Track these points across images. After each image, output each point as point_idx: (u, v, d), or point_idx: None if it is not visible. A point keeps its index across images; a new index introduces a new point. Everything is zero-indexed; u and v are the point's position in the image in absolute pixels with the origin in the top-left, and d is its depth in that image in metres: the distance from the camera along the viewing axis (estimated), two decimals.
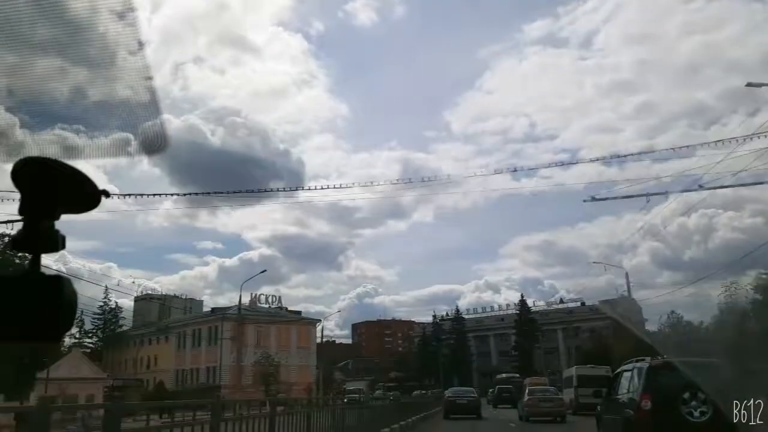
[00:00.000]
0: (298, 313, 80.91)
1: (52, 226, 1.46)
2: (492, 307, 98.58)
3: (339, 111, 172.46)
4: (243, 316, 63.47)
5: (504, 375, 58.12)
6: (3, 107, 1.55)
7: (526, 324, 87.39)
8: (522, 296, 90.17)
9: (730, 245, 75.74)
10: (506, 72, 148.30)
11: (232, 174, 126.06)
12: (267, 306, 70.39)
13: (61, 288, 1.44)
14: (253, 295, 68.75)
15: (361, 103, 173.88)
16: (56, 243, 1.47)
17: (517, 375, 55.81)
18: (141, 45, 1.52)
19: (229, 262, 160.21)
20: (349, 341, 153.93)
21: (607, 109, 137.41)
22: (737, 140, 21.51)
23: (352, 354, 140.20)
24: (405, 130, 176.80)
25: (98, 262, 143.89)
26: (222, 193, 30.43)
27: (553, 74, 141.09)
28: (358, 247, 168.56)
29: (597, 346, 54.17)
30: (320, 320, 73.91)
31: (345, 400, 20.18)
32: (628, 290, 44.33)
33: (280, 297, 70.94)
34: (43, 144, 1.54)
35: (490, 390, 46.94)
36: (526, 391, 27.19)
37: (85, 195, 1.50)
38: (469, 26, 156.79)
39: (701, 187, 24.56)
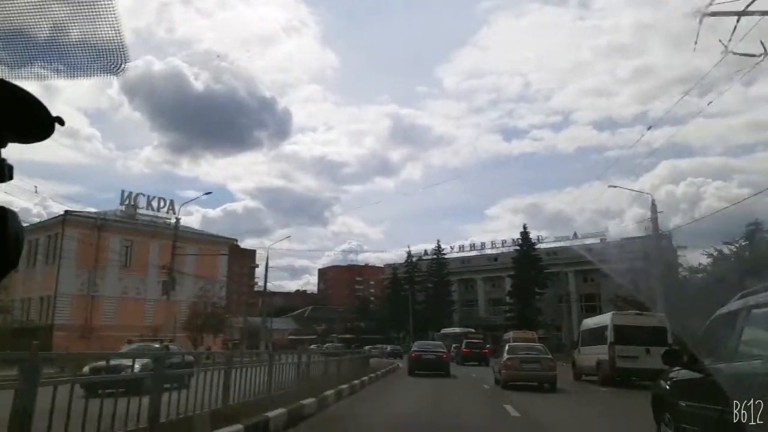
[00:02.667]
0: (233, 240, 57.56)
1: None
2: (482, 244, 76.44)
3: (329, 61, 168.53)
4: (103, 221, 40.78)
5: (450, 330, 53.01)
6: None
7: (527, 263, 65.35)
8: (524, 228, 67.88)
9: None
10: (503, 28, 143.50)
11: (216, 121, 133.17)
12: (153, 213, 47.06)
13: (5, 221, 1.26)
14: (127, 195, 45.46)
15: (351, 54, 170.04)
16: (2, 173, 1.31)
17: (473, 331, 52.84)
18: None
19: (213, 212, 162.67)
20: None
21: (603, 72, 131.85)
22: None
23: (313, 303, 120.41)
24: (396, 85, 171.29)
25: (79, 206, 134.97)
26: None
27: (551, 33, 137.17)
28: (345, 203, 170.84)
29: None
30: (236, 240, 50.29)
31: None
32: (655, 226, 33.37)
33: (172, 201, 47.59)
34: (20, 81, 1.37)
35: (454, 346, 41.87)
36: (506, 348, 20.46)
37: (37, 121, 1.33)
38: None
39: None
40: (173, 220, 42.43)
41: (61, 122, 1.36)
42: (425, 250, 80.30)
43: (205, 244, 49.92)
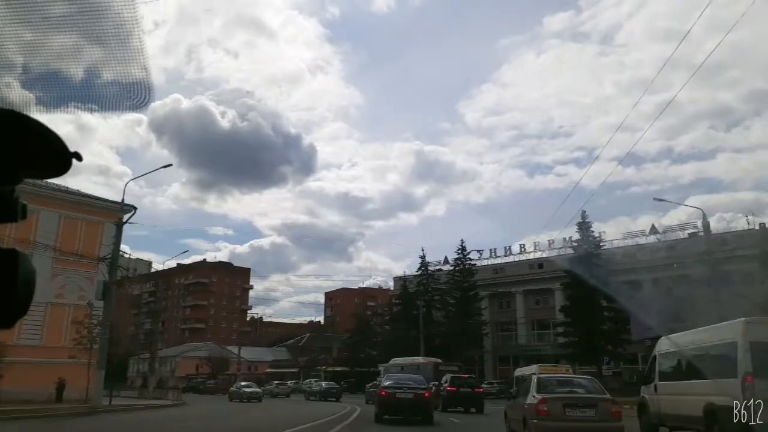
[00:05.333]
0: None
1: (12, 191, 1.28)
2: (522, 247, 56.58)
3: (353, 99, 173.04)
4: None
5: (409, 360, 39.73)
6: (19, 83, 1.51)
7: (589, 266, 45.37)
8: (583, 216, 47.68)
9: None
10: (524, 65, 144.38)
11: (242, 158, 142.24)
12: None
13: (16, 264, 1.22)
14: None
15: (375, 92, 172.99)
16: (15, 212, 1.29)
17: (440, 361, 38.16)
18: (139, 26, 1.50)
19: (240, 248, 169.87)
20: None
21: (626, 107, 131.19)
22: None
23: (320, 331, 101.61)
24: (419, 121, 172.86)
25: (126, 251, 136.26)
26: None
27: (573, 69, 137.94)
28: (369, 239, 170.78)
29: None
30: (133, 208, 30.54)
31: None
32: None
33: None
34: (59, 123, 1.41)
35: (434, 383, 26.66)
36: (533, 384, 12.64)
37: (54, 157, 1.27)
38: (488, 17, 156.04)
39: None
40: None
41: (79, 158, 1.29)
42: (445, 257, 60.99)
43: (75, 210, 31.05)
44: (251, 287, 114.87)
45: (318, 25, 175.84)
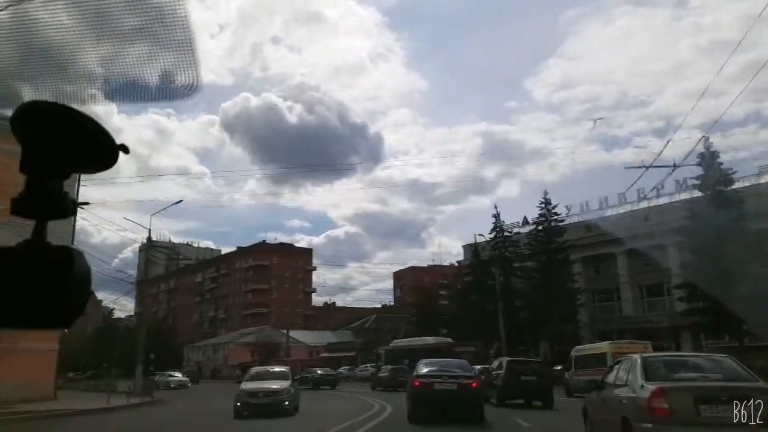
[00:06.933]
0: None
1: (61, 186, 1.27)
2: (621, 197, 45.39)
3: (416, 85, 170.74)
4: None
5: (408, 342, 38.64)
6: (102, 94, 1.60)
7: (723, 207, 34.08)
8: (706, 142, 35.94)
9: None
10: (591, 36, 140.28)
11: (311, 151, 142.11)
12: None
13: (71, 262, 1.20)
14: None
15: (438, 75, 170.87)
16: (65, 207, 1.27)
17: (451, 341, 37.36)
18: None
19: (317, 239, 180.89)
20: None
21: (706, 71, 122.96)
22: None
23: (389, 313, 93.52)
24: (485, 102, 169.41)
25: (196, 240, 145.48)
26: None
27: (645, 36, 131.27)
28: (440, 224, 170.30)
29: None
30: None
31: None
32: None
33: None
34: (138, 128, 0.98)
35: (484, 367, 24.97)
36: (638, 366, 8.30)
37: (101, 150, 1.28)
38: None
39: None
40: None
41: (126, 150, 1.29)
42: (524, 217, 50.65)
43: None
44: (314, 269, 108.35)
45: (376, 12, 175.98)
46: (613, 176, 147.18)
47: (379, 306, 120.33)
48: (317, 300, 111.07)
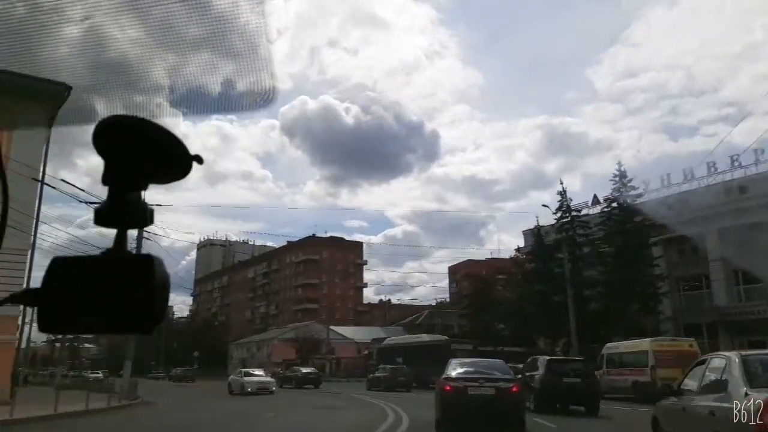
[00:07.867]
0: None
1: (140, 197, 1.31)
2: (712, 165, 39.04)
3: (473, 80, 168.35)
4: None
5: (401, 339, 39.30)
6: (168, 103, 1.70)
7: None
8: None
9: None
10: (656, 21, 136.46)
11: (368, 151, 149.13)
12: None
13: (152, 270, 1.24)
14: None
15: (495, 69, 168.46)
16: (144, 217, 1.31)
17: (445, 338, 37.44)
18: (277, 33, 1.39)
19: (375, 239, 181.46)
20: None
21: None
22: None
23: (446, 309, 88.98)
24: (544, 94, 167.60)
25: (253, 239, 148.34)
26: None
27: (713, 18, 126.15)
28: (500, 221, 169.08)
29: None
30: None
31: None
32: None
33: None
34: (203, 135, 1.03)
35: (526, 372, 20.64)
36: (737, 369, 6.85)
37: (177, 162, 1.31)
38: None
39: None
40: None
41: (200, 161, 1.31)
42: (594, 196, 44.89)
43: None
44: (365, 263, 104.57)
45: (431, 9, 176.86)
46: (680, 166, 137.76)
47: (436, 302, 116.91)
48: (374, 299, 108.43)
